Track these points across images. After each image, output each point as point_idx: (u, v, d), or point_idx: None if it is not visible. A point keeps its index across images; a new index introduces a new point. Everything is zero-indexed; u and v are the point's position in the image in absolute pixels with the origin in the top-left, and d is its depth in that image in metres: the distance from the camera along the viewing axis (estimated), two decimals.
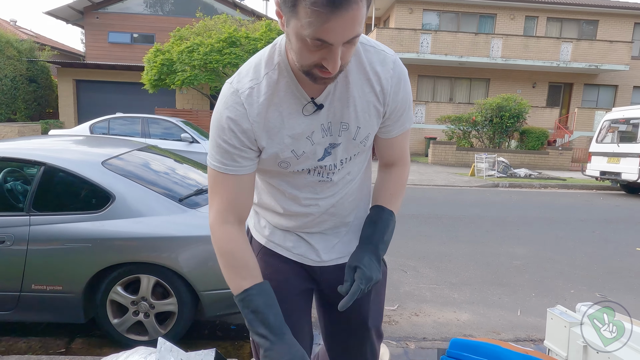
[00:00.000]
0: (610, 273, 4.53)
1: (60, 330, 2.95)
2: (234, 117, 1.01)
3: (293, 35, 0.88)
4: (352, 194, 1.21)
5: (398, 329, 3.22)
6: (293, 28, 0.86)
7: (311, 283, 1.29)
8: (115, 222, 2.62)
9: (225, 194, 1.08)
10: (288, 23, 0.87)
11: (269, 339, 1.01)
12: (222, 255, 1.11)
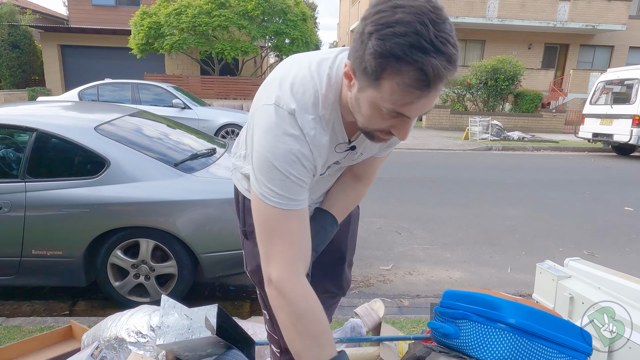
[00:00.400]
0: (598, 232, 4.66)
1: (63, 294, 3.01)
2: (301, 148, 0.92)
3: (366, 102, 0.85)
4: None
5: (392, 287, 3.33)
6: (369, 97, 0.84)
7: None
8: (111, 188, 2.63)
9: (294, 237, 0.94)
10: (363, 90, 0.84)
11: None
12: (300, 318, 0.91)
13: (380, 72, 0.78)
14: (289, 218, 0.93)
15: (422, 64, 0.74)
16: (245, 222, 1.23)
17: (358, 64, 0.81)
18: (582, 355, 1.17)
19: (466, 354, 1.16)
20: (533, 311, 1.14)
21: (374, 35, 0.76)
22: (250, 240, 1.24)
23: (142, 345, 1.55)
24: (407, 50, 0.74)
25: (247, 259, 1.28)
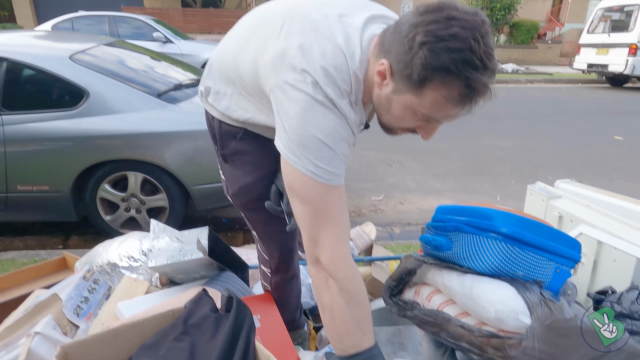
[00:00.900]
0: (588, 160, 4.69)
1: (55, 230, 3.01)
2: (344, 125, 0.90)
3: (400, 104, 0.86)
4: None
5: (384, 216, 3.37)
6: (406, 101, 0.85)
7: None
8: (92, 120, 2.53)
9: (340, 214, 0.91)
10: (399, 92, 0.85)
11: None
12: (348, 302, 0.88)
13: (426, 82, 0.79)
14: (336, 194, 0.91)
15: (472, 80, 0.77)
16: (224, 146, 1.17)
17: (402, 68, 0.81)
18: (570, 263, 1.19)
19: (458, 264, 1.17)
20: (524, 220, 1.13)
21: (427, 46, 0.76)
22: (230, 163, 1.19)
23: (134, 269, 1.56)
24: (460, 66, 0.76)
25: (228, 183, 1.24)
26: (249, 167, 1.17)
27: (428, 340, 1.24)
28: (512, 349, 0.92)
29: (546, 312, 0.96)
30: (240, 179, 1.19)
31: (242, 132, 1.13)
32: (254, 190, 1.19)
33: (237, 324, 0.91)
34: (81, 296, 1.30)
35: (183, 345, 0.88)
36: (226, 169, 1.22)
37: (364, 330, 0.89)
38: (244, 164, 1.17)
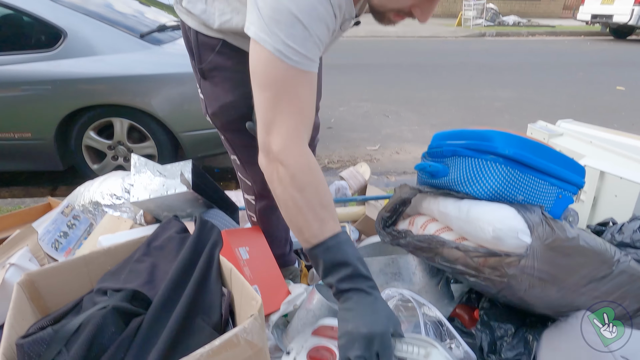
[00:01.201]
0: (588, 111, 4.59)
1: (43, 180, 2.93)
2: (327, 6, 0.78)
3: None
4: None
5: (379, 166, 3.31)
6: None
7: None
8: (72, 62, 2.39)
9: (304, 103, 0.81)
10: None
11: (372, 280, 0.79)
12: (302, 190, 0.80)
13: None
14: (303, 80, 0.81)
15: None
16: (201, 59, 1.08)
17: None
18: (573, 188, 1.12)
19: (455, 191, 1.11)
20: (526, 141, 1.06)
21: None
22: (209, 80, 1.10)
23: (117, 207, 1.49)
24: None
25: (207, 101, 1.16)
26: (229, 84, 1.08)
27: (422, 269, 1.20)
28: (511, 268, 0.87)
29: (547, 231, 0.90)
30: (221, 97, 1.10)
31: (221, 43, 1.03)
32: (234, 109, 1.10)
33: (199, 241, 0.85)
34: (60, 230, 1.24)
35: (143, 266, 0.83)
36: (205, 87, 1.13)
37: (322, 218, 0.80)
38: (224, 81, 1.08)
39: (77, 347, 0.61)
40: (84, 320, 0.64)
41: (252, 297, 0.64)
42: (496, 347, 1.04)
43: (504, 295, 0.95)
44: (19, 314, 0.73)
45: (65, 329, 0.64)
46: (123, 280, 0.79)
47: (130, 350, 0.64)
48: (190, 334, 0.68)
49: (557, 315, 1.01)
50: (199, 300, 0.75)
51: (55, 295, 0.88)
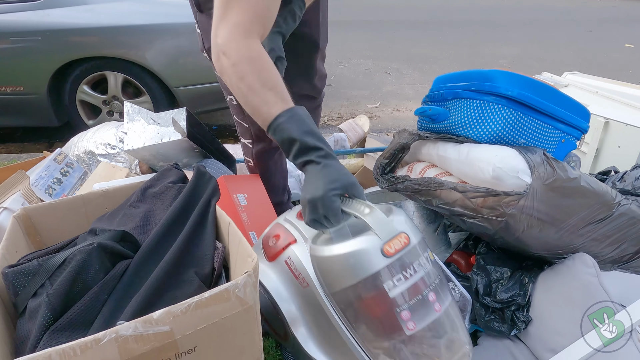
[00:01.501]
0: (595, 67, 4.48)
1: (38, 137, 2.90)
2: None
3: None
4: None
5: (380, 123, 3.26)
6: None
7: None
8: (61, 11, 2.31)
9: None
10: None
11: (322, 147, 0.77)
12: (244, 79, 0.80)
13: None
14: None
15: None
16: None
17: None
18: (577, 133, 1.10)
19: (455, 135, 1.08)
20: (530, 81, 1.02)
21: None
22: (206, 12, 1.07)
23: (112, 156, 1.47)
24: None
25: (204, 35, 1.13)
26: None
27: (420, 215, 1.19)
28: (509, 207, 0.86)
29: (548, 171, 0.88)
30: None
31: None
32: None
33: (195, 191, 0.83)
34: (53, 177, 1.22)
35: (137, 211, 0.81)
36: (202, 20, 1.10)
37: (267, 101, 0.80)
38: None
39: (60, 281, 0.60)
40: (69, 255, 0.63)
41: (248, 254, 0.62)
42: (492, 290, 1.04)
43: (501, 236, 0.94)
44: (12, 245, 0.72)
45: (50, 262, 0.63)
46: (116, 224, 0.77)
47: (114, 292, 0.63)
48: (178, 284, 0.66)
49: (553, 257, 1.01)
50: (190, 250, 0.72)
51: (52, 232, 0.88)
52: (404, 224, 0.69)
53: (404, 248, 0.66)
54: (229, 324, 0.56)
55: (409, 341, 0.64)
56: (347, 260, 0.66)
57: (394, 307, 0.64)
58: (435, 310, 0.65)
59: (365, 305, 0.66)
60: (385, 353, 0.66)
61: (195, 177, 0.89)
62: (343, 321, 0.70)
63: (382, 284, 0.64)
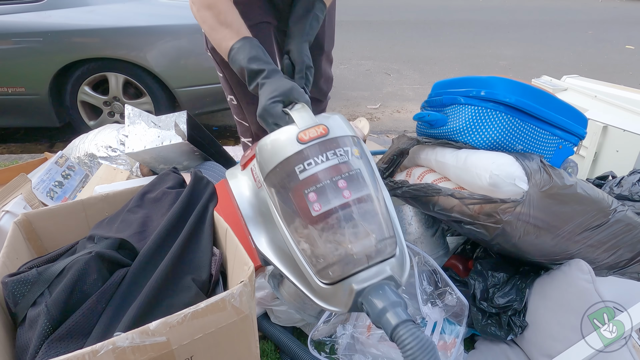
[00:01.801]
0: (595, 69, 4.48)
1: (40, 137, 2.91)
2: None
3: None
4: None
5: (380, 124, 3.27)
6: None
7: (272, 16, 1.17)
8: (62, 12, 2.31)
9: None
10: None
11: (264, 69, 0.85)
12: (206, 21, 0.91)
13: None
14: None
15: None
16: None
17: None
18: (575, 139, 1.10)
19: (453, 140, 1.09)
20: (528, 88, 1.03)
21: None
22: None
23: (113, 159, 1.48)
24: None
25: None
26: None
27: (418, 220, 1.20)
28: (506, 214, 0.87)
29: (545, 178, 0.89)
30: None
31: None
32: None
33: (192, 197, 0.84)
34: (54, 180, 1.23)
35: (135, 217, 0.81)
36: None
37: (225, 37, 0.90)
38: None
39: (58, 290, 0.60)
40: (68, 265, 0.63)
41: (244, 262, 0.63)
42: (489, 295, 1.05)
43: (497, 242, 0.95)
44: (12, 252, 0.73)
45: (49, 272, 0.64)
46: (115, 230, 0.78)
47: (112, 301, 0.63)
48: (175, 292, 0.67)
49: (549, 263, 1.02)
50: (186, 257, 0.73)
51: (52, 237, 0.88)
52: (329, 120, 0.73)
53: (319, 137, 0.69)
54: (225, 333, 0.57)
55: (316, 223, 0.66)
56: (269, 146, 0.72)
57: (302, 189, 0.67)
58: (343, 196, 0.67)
59: (283, 189, 0.70)
60: (306, 240, 0.68)
61: (193, 182, 0.90)
62: (275, 209, 0.72)
63: (294, 167, 0.68)
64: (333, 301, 0.67)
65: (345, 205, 0.67)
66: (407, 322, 0.60)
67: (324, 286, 0.67)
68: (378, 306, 0.62)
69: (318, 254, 0.66)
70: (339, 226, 0.66)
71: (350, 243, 0.65)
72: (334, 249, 0.65)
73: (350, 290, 0.65)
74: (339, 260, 0.65)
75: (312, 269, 0.68)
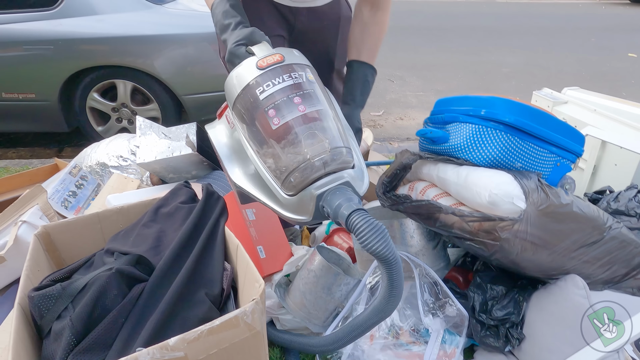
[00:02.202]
0: (597, 77, 4.51)
1: (48, 141, 2.96)
2: None
3: None
4: None
5: (382, 131, 3.30)
6: None
7: (285, 30, 1.21)
8: (73, 21, 2.37)
9: None
10: None
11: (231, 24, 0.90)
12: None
13: None
14: None
15: None
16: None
17: None
18: (572, 156, 1.14)
19: (454, 157, 1.12)
20: (527, 108, 1.06)
21: None
22: None
23: (124, 168, 1.52)
24: None
25: (221, 46, 1.21)
26: None
27: (420, 232, 1.24)
28: (504, 232, 0.90)
29: (542, 197, 0.92)
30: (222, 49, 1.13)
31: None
32: None
33: (204, 212, 0.88)
34: (68, 190, 1.28)
35: (150, 231, 0.85)
36: None
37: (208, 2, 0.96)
38: None
39: (81, 306, 0.64)
40: (90, 281, 0.67)
41: (255, 279, 0.67)
42: (487, 307, 1.09)
43: (496, 258, 0.98)
44: (35, 265, 0.77)
45: (73, 287, 0.68)
46: (131, 244, 0.82)
47: (131, 315, 0.67)
48: (189, 306, 0.71)
49: (546, 278, 1.05)
50: (200, 271, 0.77)
51: (69, 248, 0.93)
52: (285, 50, 0.82)
53: (276, 63, 0.78)
54: (238, 348, 0.60)
55: (276, 135, 0.74)
56: (234, 78, 0.80)
57: (263, 107, 0.75)
58: (298, 110, 0.75)
59: (248, 112, 0.78)
60: (270, 156, 0.76)
61: (205, 198, 0.94)
62: (244, 136, 0.79)
63: (255, 90, 0.76)
64: (298, 211, 0.75)
65: (301, 117, 0.75)
66: (360, 210, 0.68)
67: (288, 197, 0.74)
68: (335, 203, 0.70)
69: (280, 165, 0.74)
70: (296, 136, 0.74)
71: (307, 150, 0.73)
72: (294, 157, 0.73)
73: (311, 196, 0.72)
74: (298, 166, 0.72)
75: (277, 183, 0.75)
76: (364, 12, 1.17)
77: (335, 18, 1.27)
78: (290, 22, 1.25)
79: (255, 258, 1.21)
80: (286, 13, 1.24)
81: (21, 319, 0.64)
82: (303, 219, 0.75)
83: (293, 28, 1.25)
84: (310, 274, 1.21)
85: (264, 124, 0.74)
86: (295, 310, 1.21)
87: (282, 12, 1.24)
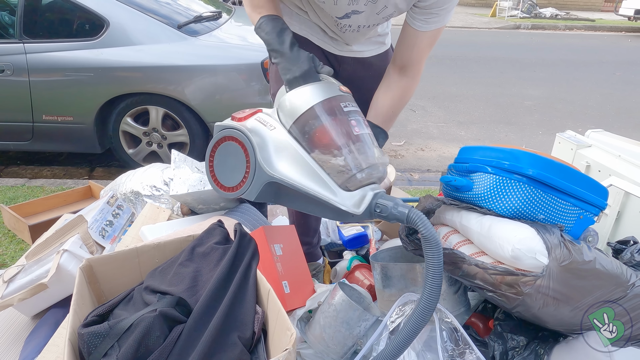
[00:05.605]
0: (622, 113, 4.47)
1: (81, 161, 3.09)
2: None
3: None
4: None
5: (403, 162, 3.34)
6: None
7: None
8: (113, 51, 2.50)
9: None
10: None
11: (278, 52, 1.01)
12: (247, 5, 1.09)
13: None
14: None
15: None
16: None
17: None
18: (595, 210, 1.15)
19: (478, 206, 1.15)
20: (551, 163, 1.09)
21: None
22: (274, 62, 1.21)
23: (157, 197, 1.60)
24: None
25: (271, 83, 1.34)
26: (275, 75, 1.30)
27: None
28: (526, 286, 0.92)
29: (565, 253, 0.94)
30: (272, 86, 1.31)
31: None
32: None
33: (237, 254, 0.93)
34: (105, 220, 1.35)
35: (187, 270, 0.90)
36: (271, 69, 1.34)
37: (254, 19, 1.07)
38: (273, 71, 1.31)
39: (127, 345, 0.69)
40: (135, 321, 0.73)
41: (287, 327, 0.71)
42: (507, 358, 1.09)
43: (518, 311, 1.00)
44: (80, 299, 0.82)
45: (119, 326, 0.73)
46: (168, 282, 0.87)
47: (171, 355, 0.72)
48: (224, 349, 0.75)
49: (568, 333, 1.06)
50: (233, 314, 0.81)
51: (109, 280, 0.98)
52: None
53: (348, 93, 1.00)
54: None
55: (355, 140, 0.92)
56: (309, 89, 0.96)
57: (346, 117, 0.94)
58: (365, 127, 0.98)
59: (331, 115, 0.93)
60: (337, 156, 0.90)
61: (238, 240, 0.99)
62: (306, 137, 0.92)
63: (340, 103, 0.95)
64: (354, 204, 0.88)
65: (369, 134, 0.97)
66: (413, 209, 0.85)
67: (345, 191, 0.88)
68: (390, 202, 0.86)
69: (350, 163, 0.89)
70: (367, 144, 0.94)
71: (376, 156, 0.94)
72: (365, 159, 0.91)
73: (367, 194, 0.88)
74: (368, 166, 0.90)
75: (340, 177, 0.88)
76: (391, 74, 1.21)
77: (382, 68, 1.29)
78: (335, 69, 1.30)
79: (280, 293, 1.25)
80: (332, 60, 1.31)
81: (71, 355, 0.70)
82: (355, 212, 0.87)
83: (337, 74, 1.31)
84: (331, 308, 1.24)
85: (346, 129, 0.91)
86: (314, 343, 1.24)
87: (329, 58, 1.30)
